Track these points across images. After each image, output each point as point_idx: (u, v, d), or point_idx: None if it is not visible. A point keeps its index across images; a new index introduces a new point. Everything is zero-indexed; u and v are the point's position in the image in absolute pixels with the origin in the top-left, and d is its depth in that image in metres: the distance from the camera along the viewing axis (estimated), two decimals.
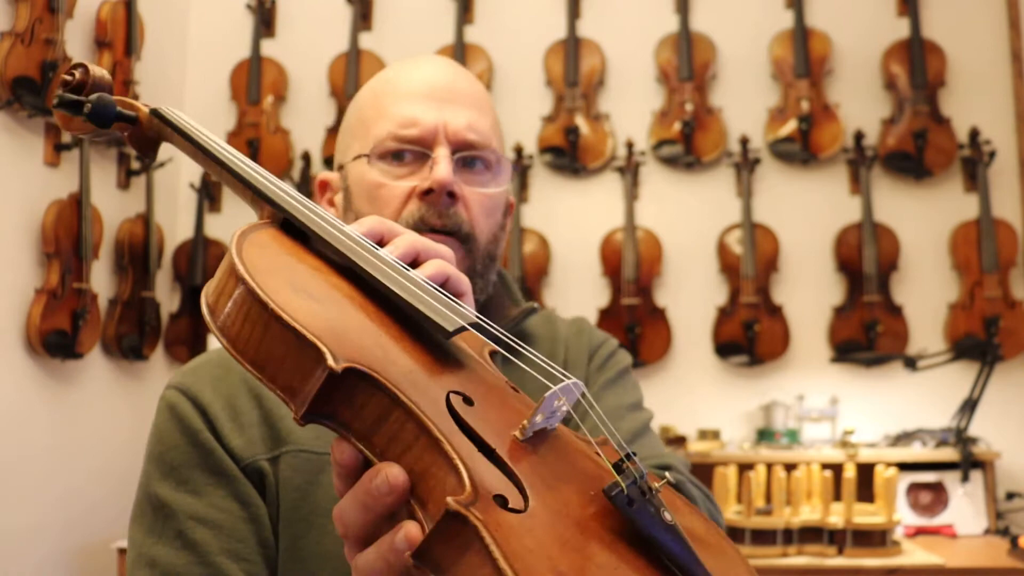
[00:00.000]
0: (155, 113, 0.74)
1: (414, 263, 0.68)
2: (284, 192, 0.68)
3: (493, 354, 0.68)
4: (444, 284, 0.67)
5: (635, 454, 0.58)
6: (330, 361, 0.51)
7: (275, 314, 0.54)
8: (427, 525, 0.51)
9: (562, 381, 0.59)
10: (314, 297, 0.58)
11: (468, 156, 0.99)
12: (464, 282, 0.69)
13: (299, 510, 0.89)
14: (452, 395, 0.57)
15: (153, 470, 0.92)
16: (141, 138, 0.75)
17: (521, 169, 3.89)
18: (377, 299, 0.61)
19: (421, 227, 0.95)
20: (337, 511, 0.55)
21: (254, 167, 0.71)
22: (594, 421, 0.68)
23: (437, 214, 0.96)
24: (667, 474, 0.59)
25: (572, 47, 3.99)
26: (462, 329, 0.60)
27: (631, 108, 3.96)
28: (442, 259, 0.69)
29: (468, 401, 0.57)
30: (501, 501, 0.50)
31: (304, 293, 0.57)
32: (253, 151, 4.02)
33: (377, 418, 0.54)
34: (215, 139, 0.72)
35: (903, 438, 3.41)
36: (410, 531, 0.50)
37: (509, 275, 1.14)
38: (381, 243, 0.68)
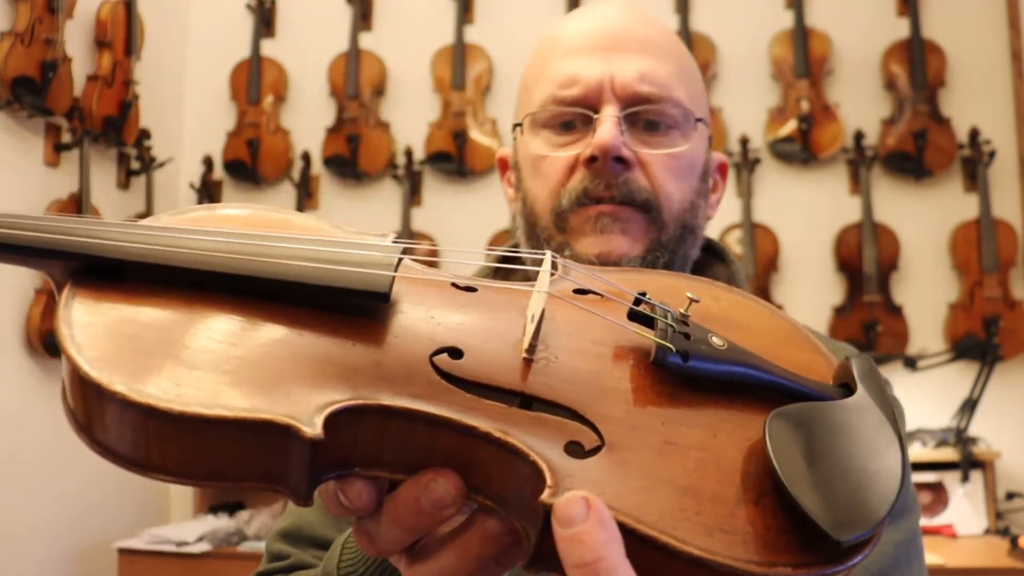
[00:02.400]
0: None
1: None
2: (63, 227, 0.50)
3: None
4: None
5: (644, 294, 0.51)
6: (305, 432, 0.42)
7: (197, 418, 0.42)
8: (518, 525, 0.45)
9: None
10: (211, 356, 0.44)
11: (643, 112, 0.83)
12: None
13: None
14: (435, 358, 0.48)
15: None
16: None
17: None
18: (272, 297, 0.49)
19: (584, 200, 0.82)
20: (367, 536, 0.47)
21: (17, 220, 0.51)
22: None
23: (604, 184, 0.81)
24: (688, 294, 0.51)
25: None
26: (392, 281, 0.49)
27: None
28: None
29: (455, 353, 0.48)
30: (575, 449, 0.45)
31: (199, 360, 0.44)
32: (253, 151, 4.02)
33: (379, 438, 0.45)
34: None
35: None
36: (490, 528, 0.45)
37: (740, 266, 0.95)
38: None
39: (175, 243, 0.49)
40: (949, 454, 3.22)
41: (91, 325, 0.46)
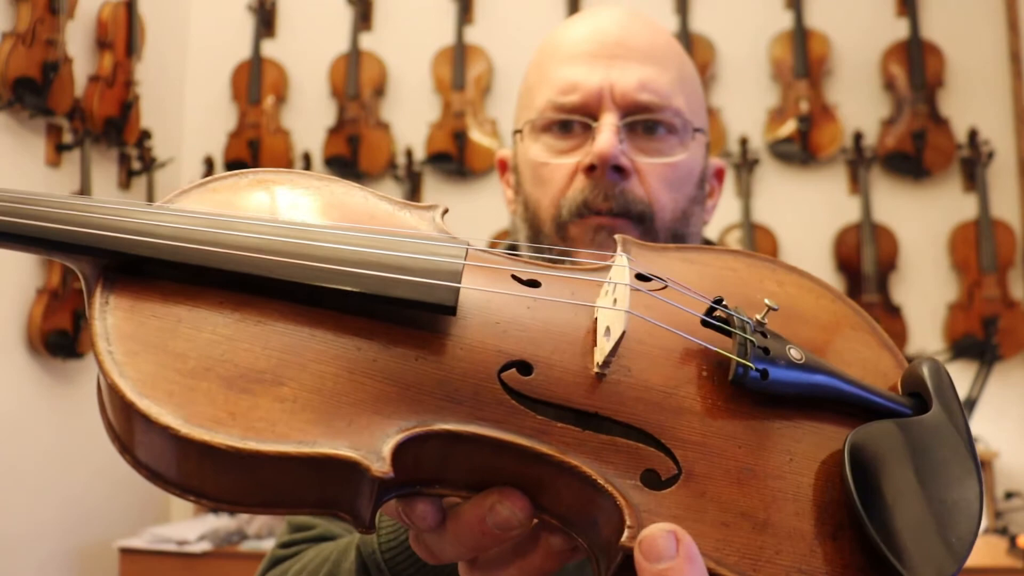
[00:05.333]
0: None
1: None
2: (75, 213, 0.43)
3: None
4: None
5: (721, 300, 0.48)
6: (376, 469, 0.38)
7: (253, 455, 0.38)
8: (580, 543, 0.44)
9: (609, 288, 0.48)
10: (265, 376, 0.40)
11: (642, 120, 0.83)
12: None
13: None
14: (504, 376, 0.44)
15: None
16: None
17: None
18: (330, 304, 0.44)
19: (585, 212, 0.81)
20: (430, 550, 0.46)
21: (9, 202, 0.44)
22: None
23: (603, 195, 0.81)
24: (766, 301, 0.48)
25: None
26: (457, 292, 0.44)
27: None
28: None
29: (524, 368, 0.45)
30: (652, 480, 0.42)
31: (251, 381, 0.40)
32: (253, 151, 4.03)
33: (444, 459, 0.43)
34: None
35: None
36: (555, 545, 0.43)
37: None
38: None
39: (219, 241, 0.44)
40: None
41: (132, 339, 0.41)
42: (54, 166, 3.37)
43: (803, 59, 3.83)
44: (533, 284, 0.50)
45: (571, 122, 0.84)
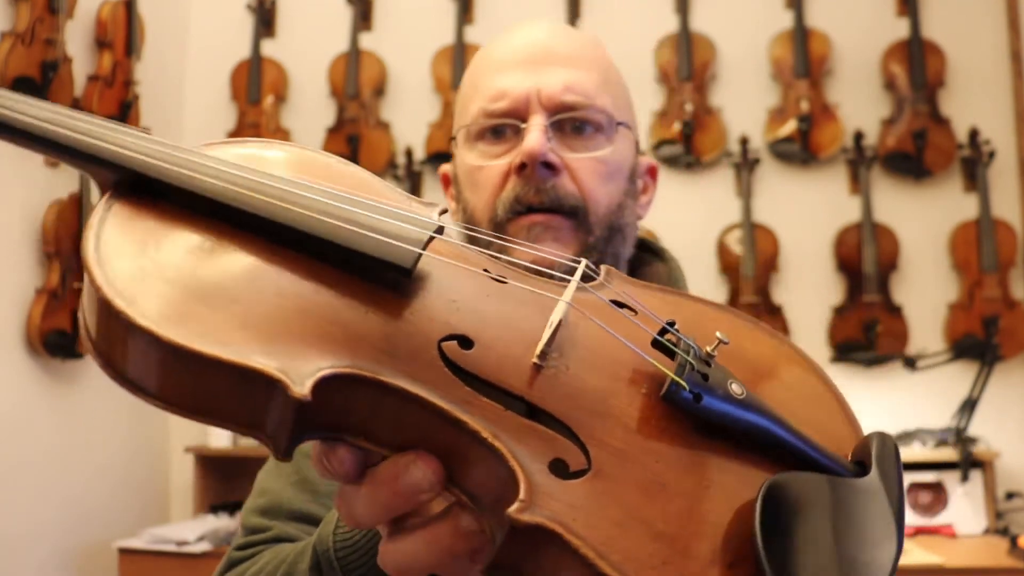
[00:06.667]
0: None
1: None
2: (120, 138, 0.51)
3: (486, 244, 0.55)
4: None
5: (673, 324, 0.49)
6: (294, 390, 0.41)
7: (193, 354, 0.41)
8: (487, 526, 0.44)
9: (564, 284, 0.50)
10: (225, 295, 0.44)
11: (569, 119, 0.88)
12: None
13: None
14: (444, 344, 0.46)
15: None
16: None
17: None
18: (305, 252, 0.48)
19: (518, 207, 0.86)
20: (345, 508, 0.48)
21: (52, 113, 0.52)
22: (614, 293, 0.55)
23: (534, 190, 0.85)
24: (718, 334, 0.49)
25: None
26: (418, 258, 0.48)
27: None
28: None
29: (465, 343, 0.47)
30: (560, 468, 0.43)
31: (211, 296, 0.44)
32: None
33: (371, 411, 0.45)
34: (16, 99, 0.53)
35: (903, 438, 3.41)
36: (466, 525, 0.44)
37: (678, 263, 1.00)
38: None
39: (222, 176, 0.49)
40: (949, 454, 3.22)
41: (118, 242, 0.46)
42: (53, 166, 3.36)
43: (803, 59, 3.82)
44: (500, 280, 0.52)
45: (503, 127, 0.88)
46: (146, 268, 0.45)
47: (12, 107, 0.52)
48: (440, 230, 0.52)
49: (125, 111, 3.61)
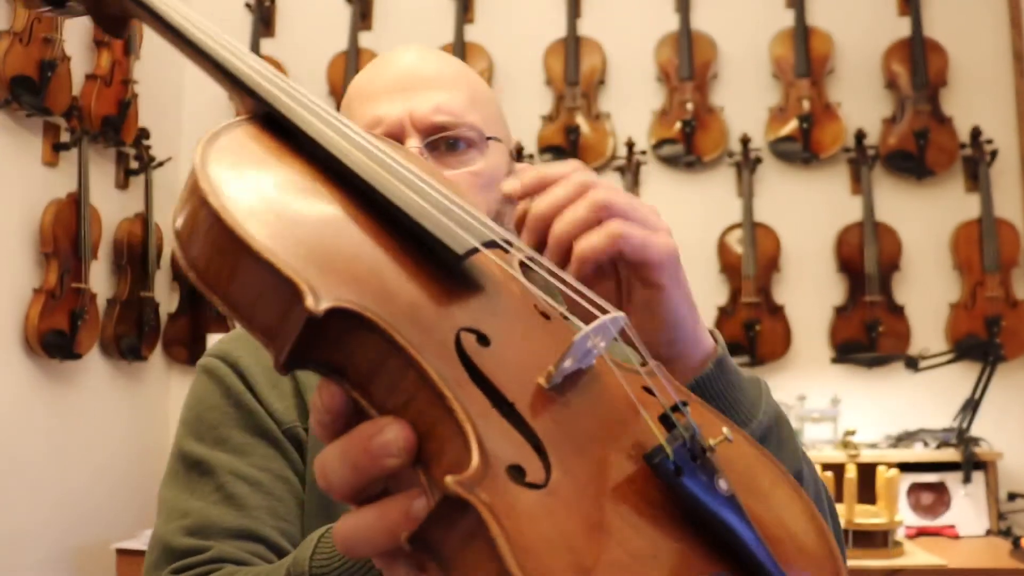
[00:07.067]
0: None
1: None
2: (267, 76, 0.58)
3: (528, 270, 0.58)
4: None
5: (686, 404, 0.49)
6: (309, 302, 0.43)
7: (244, 244, 0.45)
8: (430, 500, 0.44)
9: (602, 315, 0.50)
10: (295, 216, 0.49)
11: (443, 138, 0.94)
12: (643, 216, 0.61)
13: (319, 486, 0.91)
14: (463, 334, 0.47)
15: (188, 432, 0.92)
16: (104, 15, 0.69)
17: None
18: (380, 215, 0.51)
19: None
20: (320, 463, 0.47)
21: (234, 49, 0.63)
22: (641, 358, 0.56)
23: None
24: (724, 430, 0.49)
25: (572, 46, 3.98)
26: (473, 251, 0.50)
27: (631, 107, 3.95)
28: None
29: (483, 340, 0.48)
30: (517, 474, 0.42)
31: (283, 211, 0.48)
32: None
33: (374, 364, 0.45)
34: (187, 14, 0.66)
35: (905, 439, 3.40)
36: (416, 509, 0.44)
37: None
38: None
39: (342, 134, 0.54)
40: (951, 455, 3.21)
41: (232, 145, 0.51)
42: (51, 165, 3.35)
43: (805, 58, 3.81)
44: (544, 314, 0.54)
45: None
46: (243, 171, 0.50)
47: (208, 35, 0.64)
48: (508, 244, 0.54)
49: (123, 110, 3.59)
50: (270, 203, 0.48)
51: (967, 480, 3.14)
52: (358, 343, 0.45)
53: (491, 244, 0.53)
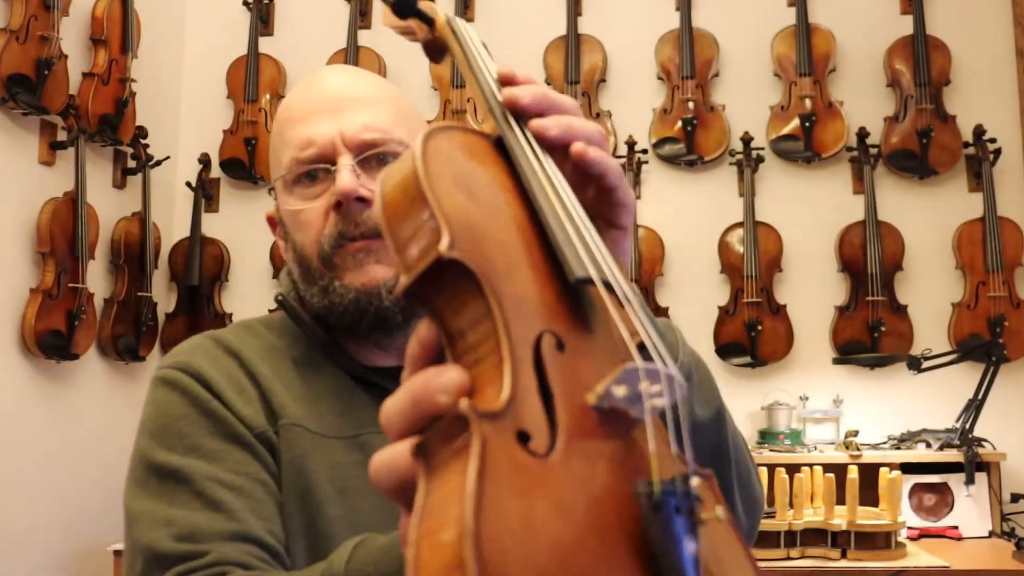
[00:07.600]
0: (449, 23, 0.78)
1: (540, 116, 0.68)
2: (521, 133, 0.66)
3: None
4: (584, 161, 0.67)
5: (709, 474, 0.52)
6: (443, 244, 0.50)
7: (422, 189, 0.53)
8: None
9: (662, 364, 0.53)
10: (474, 197, 0.57)
11: (374, 155, 0.98)
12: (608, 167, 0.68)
13: (294, 485, 0.90)
14: (547, 334, 0.52)
15: (156, 443, 0.90)
16: (431, 42, 0.81)
17: None
18: (537, 226, 0.59)
19: (341, 241, 0.95)
20: (387, 400, 0.51)
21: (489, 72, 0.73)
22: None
23: (353, 223, 0.95)
24: (718, 509, 0.51)
25: (573, 44, 3.95)
26: (587, 281, 0.56)
27: (632, 106, 3.93)
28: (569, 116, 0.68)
29: (560, 346, 0.52)
30: (523, 436, 0.45)
31: (466, 189, 0.56)
32: (251, 149, 3.99)
33: (467, 323, 0.51)
34: (487, 65, 0.74)
35: (907, 439, 3.38)
36: (447, 380, 0.48)
37: None
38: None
39: (543, 173, 0.63)
40: (954, 456, 3.19)
41: (457, 144, 0.61)
42: (48, 164, 3.33)
43: (807, 56, 3.79)
44: (628, 358, 0.58)
45: (315, 171, 0.98)
46: (455, 153, 0.60)
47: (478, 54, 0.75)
48: (626, 299, 0.58)
49: (121, 109, 3.57)
50: (459, 179, 0.57)
51: (970, 481, 3.12)
52: (463, 300, 0.51)
53: (607, 286, 0.57)
